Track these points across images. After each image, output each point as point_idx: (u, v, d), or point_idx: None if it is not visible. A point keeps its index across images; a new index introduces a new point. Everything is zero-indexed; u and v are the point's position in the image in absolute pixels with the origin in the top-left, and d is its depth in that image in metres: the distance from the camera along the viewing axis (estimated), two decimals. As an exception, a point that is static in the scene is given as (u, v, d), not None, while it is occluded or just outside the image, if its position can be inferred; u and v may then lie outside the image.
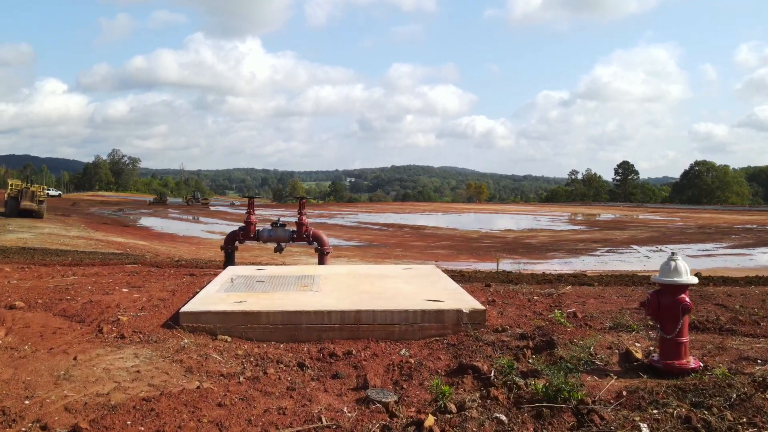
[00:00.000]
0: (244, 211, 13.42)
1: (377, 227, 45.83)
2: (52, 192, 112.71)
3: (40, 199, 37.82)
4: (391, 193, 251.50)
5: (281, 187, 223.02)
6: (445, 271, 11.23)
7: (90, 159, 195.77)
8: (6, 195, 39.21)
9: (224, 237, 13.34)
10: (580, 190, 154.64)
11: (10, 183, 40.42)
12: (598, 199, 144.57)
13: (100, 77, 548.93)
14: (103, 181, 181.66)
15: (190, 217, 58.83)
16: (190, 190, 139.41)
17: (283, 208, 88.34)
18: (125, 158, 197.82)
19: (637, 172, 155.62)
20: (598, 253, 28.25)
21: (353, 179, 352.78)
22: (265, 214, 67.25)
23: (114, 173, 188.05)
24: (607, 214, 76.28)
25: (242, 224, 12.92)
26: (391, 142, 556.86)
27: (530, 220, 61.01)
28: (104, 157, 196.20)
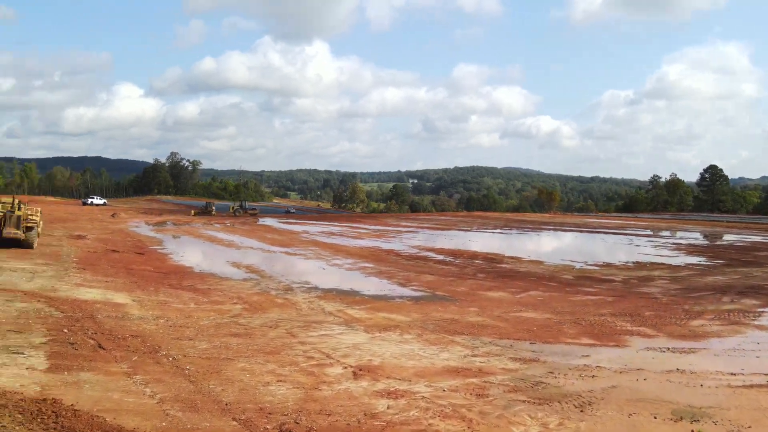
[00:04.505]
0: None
1: (441, 258, 37.15)
2: (97, 200, 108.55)
3: (29, 225, 30.63)
4: (455, 195, 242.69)
5: (342, 189, 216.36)
6: None
7: (161, 160, 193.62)
8: (-10, 219, 32.14)
9: None
10: (662, 196, 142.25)
11: (-3, 203, 33.30)
12: (683, 207, 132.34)
13: (173, 81, 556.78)
14: (162, 185, 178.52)
15: (223, 239, 51.37)
16: (239, 198, 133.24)
17: (336, 223, 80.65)
18: (184, 161, 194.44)
19: (726, 177, 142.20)
20: None
21: (415, 180, 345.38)
22: (314, 231, 60.32)
23: (173, 176, 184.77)
24: (728, 233, 65.65)
25: None
26: (454, 142, 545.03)
27: (626, 244, 51.15)
28: (163, 160, 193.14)
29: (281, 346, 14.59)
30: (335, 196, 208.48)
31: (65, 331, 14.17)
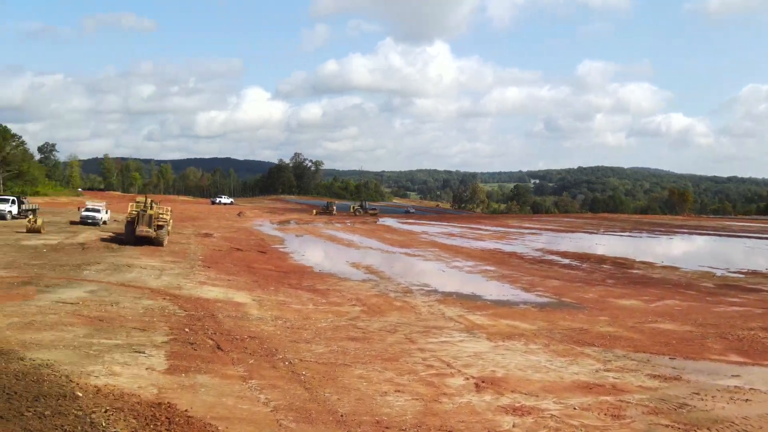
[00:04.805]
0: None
1: (567, 261, 35.53)
2: (225, 200, 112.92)
3: (159, 224, 31.84)
4: (578, 196, 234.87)
5: (462, 189, 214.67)
6: None
7: (285, 161, 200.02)
8: (126, 217, 33.89)
9: None
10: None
11: (132, 203, 35.02)
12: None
13: (298, 84, 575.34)
14: (286, 185, 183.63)
15: (342, 239, 51.76)
16: (360, 198, 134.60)
17: (456, 224, 79.70)
18: (307, 161, 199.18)
19: None
20: None
21: (537, 181, 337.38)
22: (434, 231, 59.59)
23: (296, 176, 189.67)
24: None
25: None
26: (577, 141, 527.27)
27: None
28: (287, 161, 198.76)
29: (400, 352, 14.03)
30: (455, 196, 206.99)
31: (186, 330, 14.24)
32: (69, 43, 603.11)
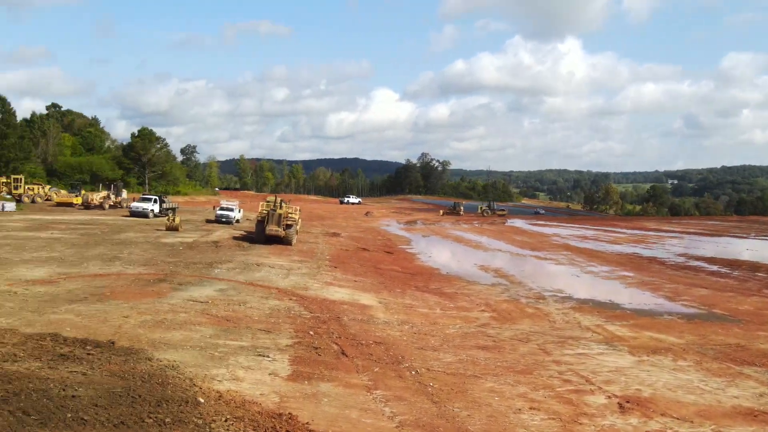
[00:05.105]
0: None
1: (715, 268, 32.84)
2: (353, 199, 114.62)
3: (288, 223, 32.25)
4: (722, 197, 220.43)
5: (594, 190, 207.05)
6: None
7: (412, 161, 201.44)
8: (257, 216, 34.69)
9: None
10: None
11: (262, 202, 35.78)
12: None
13: (425, 85, 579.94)
14: (413, 185, 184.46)
15: (470, 240, 50.81)
16: (487, 198, 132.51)
17: (589, 226, 76.55)
18: (434, 161, 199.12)
19: None
20: None
21: (675, 181, 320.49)
22: (565, 234, 57.23)
23: (423, 176, 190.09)
24: None
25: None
26: (720, 139, 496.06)
27: None
28: (414, 161, 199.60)
29: (533, 364, 13.06)
30: (586, 197, 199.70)
31: (311, 333, 13.92)
32: (211, 51, 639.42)
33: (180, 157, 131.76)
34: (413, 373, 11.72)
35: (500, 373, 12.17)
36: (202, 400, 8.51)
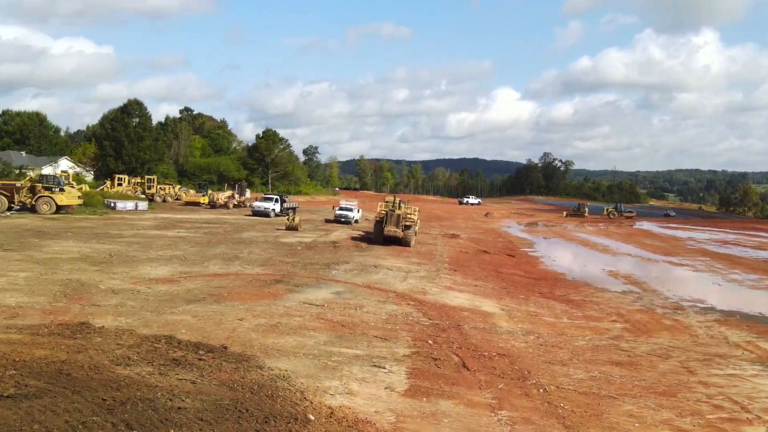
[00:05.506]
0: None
1: None
2: (472, 200, 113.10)
3: (407, 224, 31.68)
4: None
5: (731, 191, 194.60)
6: None
7: (533, 161, 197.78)
8: (375, 217, 34.39)
9: None
10: None
11: (381, 202, 35.45)
12: None
13: (548, 83, 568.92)
14: (534, 185, 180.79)
15: (596, 243, 48.36)
16: (613, 200, 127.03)
17: (727, 229, 71.43)
18: (557, 161, 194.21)
19: None
20: None
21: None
22: (701, 238, 53.54)
23: (545, 177, 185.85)
24: None
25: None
26: None
27: None
28: (535, 161, 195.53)
29: (676, 385, 11.67)
30: (721, 198, 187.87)
31: (430, 342, 13.09)
32: (334, 54, 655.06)
33: (302, 158, 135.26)
34: (541, 391, 10.65)
35: (639, 395, 10.89)
36: (312, 418, 7.88)
